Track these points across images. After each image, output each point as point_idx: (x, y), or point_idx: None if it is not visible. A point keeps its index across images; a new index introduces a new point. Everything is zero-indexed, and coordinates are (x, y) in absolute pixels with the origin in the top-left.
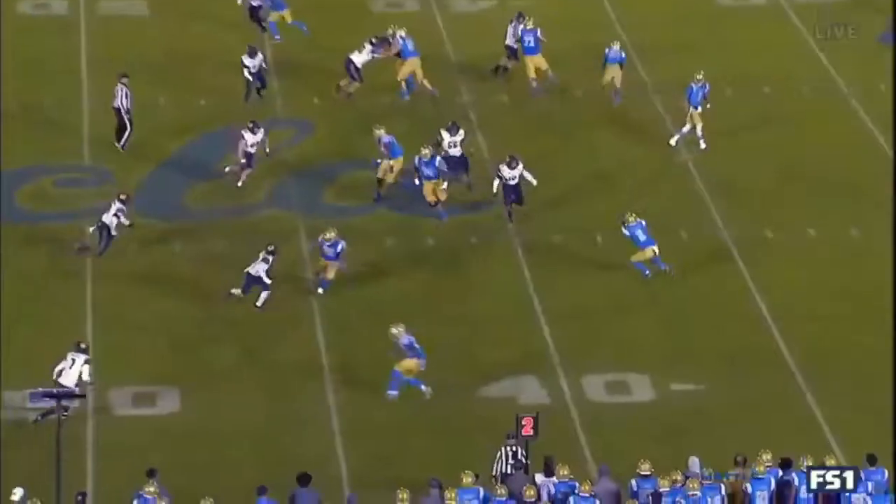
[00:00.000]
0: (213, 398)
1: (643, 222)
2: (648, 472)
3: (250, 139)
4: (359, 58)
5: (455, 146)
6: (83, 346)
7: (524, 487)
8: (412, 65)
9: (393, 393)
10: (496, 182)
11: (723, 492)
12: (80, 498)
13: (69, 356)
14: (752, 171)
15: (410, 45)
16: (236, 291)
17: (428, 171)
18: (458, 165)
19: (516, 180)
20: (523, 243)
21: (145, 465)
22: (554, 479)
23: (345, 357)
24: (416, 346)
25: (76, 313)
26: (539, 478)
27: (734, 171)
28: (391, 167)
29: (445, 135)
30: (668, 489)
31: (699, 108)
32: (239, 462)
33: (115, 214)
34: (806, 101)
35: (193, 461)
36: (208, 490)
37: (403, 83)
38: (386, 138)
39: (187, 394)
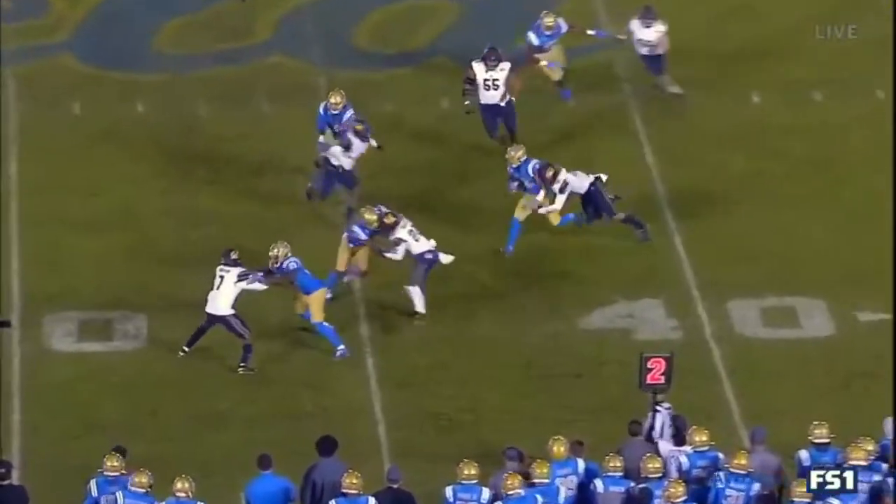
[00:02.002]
0: (191, 330)
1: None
2: (826, 440)
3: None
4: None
5: (493, 86)
6: (234, 255)
7: (644, 458)
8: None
9: (342, 349)
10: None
11: None
12: (2, 471)
13: (217, 270)
14: None
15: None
16: (421, 313)
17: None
18: (493, 117)
19: (584, 189)
20: (644, 112)
21: (94, 423)
22: (687, 447)
23: (384, 283)
24: (307, 271)
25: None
26: (665, 445)
27: None
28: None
29: (478, 68)
30: (862, 462)
31: None
32: (229, 420)
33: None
34: None
35: (165, 419)
36: (185, 461)
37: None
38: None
39: (156, 323)
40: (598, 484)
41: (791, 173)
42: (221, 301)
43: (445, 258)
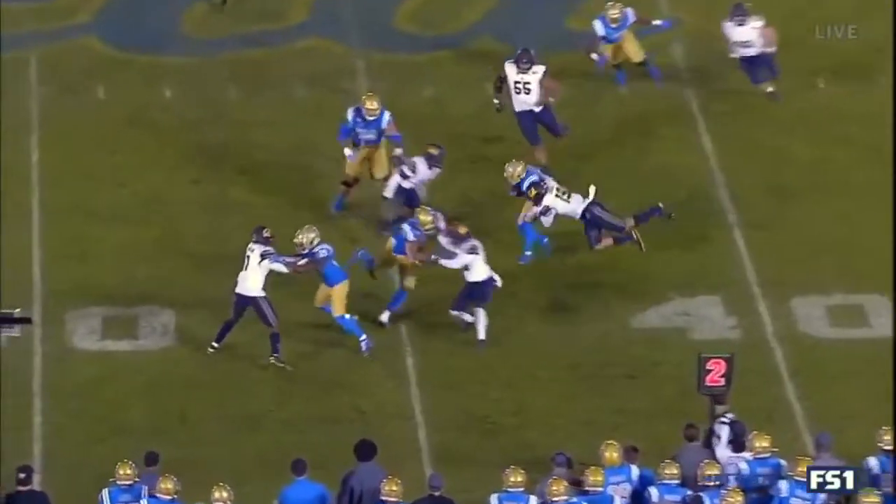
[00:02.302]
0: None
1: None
2: None
3: None
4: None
5: (524, 90)
6: (266, 233)
7: (702, 465)
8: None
9: (365, 340)
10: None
11: None
12: (22, 476)
13: (246, 250)
14: None
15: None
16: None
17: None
18: (532, 123)
19: (578, 215)
20: (702, 98)
21: (119, 426)
22: (747, 453)
23: (423, 278)
24: (335, 262)
25: (19, 184)
26: (723, 451)
27: None
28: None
29: (510, 70)
30: None
31: None
32: (262, 423)
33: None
34: None
35: (195, 421)
36: (215, 466)
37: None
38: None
39: (185, 319)
40: (653, 492)
41: (858, 161)
42: (251, 282)
43: (498, 281)
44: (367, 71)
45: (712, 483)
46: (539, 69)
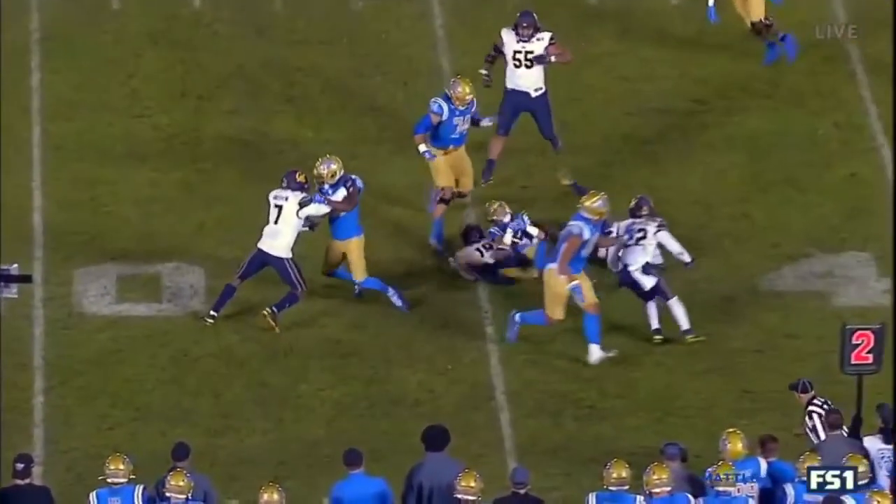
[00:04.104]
0: (268, 286)
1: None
2: None
3: None
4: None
5: (525, 62)
6: (300, 177)
7: (847, 458)
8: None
9: (395, 296)
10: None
11: None
12: (20, 467)
13: (272, 199)
14: None
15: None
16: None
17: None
18: (516, 110)
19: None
20: (853, 16)
21: (137, 407)
22: None
23: None
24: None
25: (16, 114)
26: (872, 442)
27: None
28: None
29: (508, 38)
30: None
31: None
32: (310, 406)
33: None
34: None
35: (229, 403)
36: (253, 457)
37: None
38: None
39: (217, 279)
40: (790, 490)
41: None
42: (282, 239)
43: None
44: None
45: None
46: (544, 35)
